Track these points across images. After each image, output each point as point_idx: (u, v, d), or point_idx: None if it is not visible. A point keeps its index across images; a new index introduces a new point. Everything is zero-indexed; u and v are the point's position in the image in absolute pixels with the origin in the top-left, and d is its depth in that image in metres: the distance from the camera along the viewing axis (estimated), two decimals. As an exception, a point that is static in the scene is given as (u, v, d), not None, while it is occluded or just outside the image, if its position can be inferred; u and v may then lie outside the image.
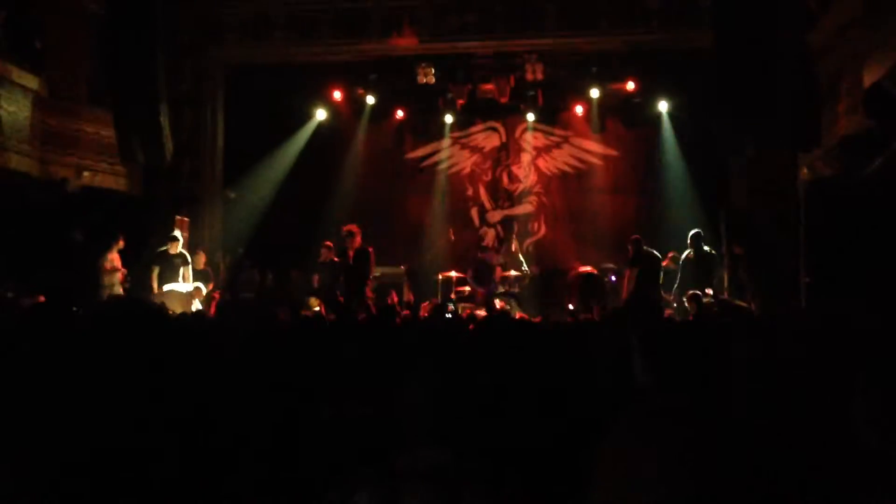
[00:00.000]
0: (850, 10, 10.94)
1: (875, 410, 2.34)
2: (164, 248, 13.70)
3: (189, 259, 13.86)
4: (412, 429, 2.54)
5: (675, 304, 13.21)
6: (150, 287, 13.39)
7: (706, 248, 13.55)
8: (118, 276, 13.22)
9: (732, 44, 13.00)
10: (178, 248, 13.76)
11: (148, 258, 13.80)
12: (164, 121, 14.11)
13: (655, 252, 13.90)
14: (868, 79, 10.16)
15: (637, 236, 14.02)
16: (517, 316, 11.39)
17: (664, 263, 14.30)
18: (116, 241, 13.45)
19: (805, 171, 12.58)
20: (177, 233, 14.00)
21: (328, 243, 14.08)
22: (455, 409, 2.53)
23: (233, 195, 16.55)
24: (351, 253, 13.41)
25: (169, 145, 14.27)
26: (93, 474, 2.29)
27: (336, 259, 13.71)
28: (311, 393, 4.02)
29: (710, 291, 12.93)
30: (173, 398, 2.72)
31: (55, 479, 2.28)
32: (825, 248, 11.62)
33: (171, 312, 6.41)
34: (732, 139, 13.39)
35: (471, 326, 7.38)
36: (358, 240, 13.50)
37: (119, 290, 13.07)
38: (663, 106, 16.91)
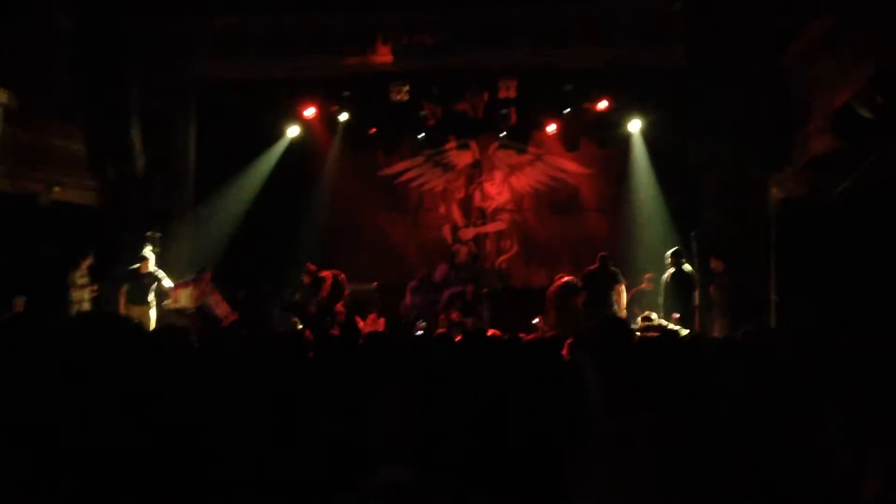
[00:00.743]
0: (821, 31, 11.06)
1: (848, 432, 2.35)
2: (136, 266, 13.60)
3: (158, 278, 13.76)
4: (378, 447, 2.54)
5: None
6: (118, 305, 13.29)
7: (686, 267, 13.61)
8: (87, 292, 13.12)
9: (702, 60, 13.16)
10: (149, 267, 13.66)
11: (118, 276, 13.70)
12: (136, 136, 14.08)
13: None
14: (838, 99, 10.27)
15: (603, 253, 14.09)
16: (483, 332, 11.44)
17: (642, 286, 14.38)
18: (86, 257, 13.35)
19: (775, 190, 12.69)
20: (147, 251, 13.90)
21: (311, 266, 14.42)
22: (419, 427, 2.53)
23: (203, 211, 16.48)
24: (324, 295, 13.82)
25: (140, 160, 14.23)
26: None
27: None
28: (284, 410, 4.01)
29: (676, 316, 12.99)
30: (146, 415, 2.70)
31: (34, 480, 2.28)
32: (795, 267, 11.73)
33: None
34: (704, 158, 13.53)
35: (458, 338, 7.40)
36: (328, 285, 13.93)
37: (87, 306, 12.97)
38: (635, 124, 16.97)
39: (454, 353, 6.05)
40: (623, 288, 13.97)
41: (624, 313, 13.53)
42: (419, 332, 12.69)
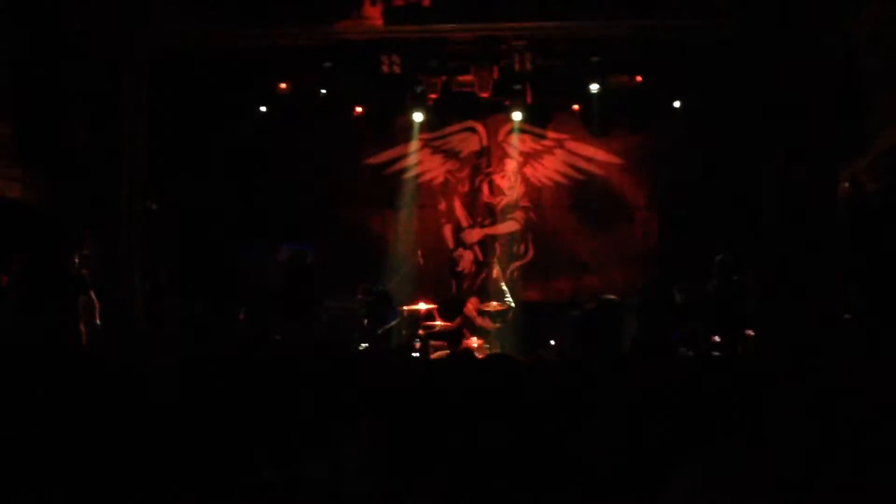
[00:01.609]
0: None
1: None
2: (61, 269, 13.54)
3: (88, 283, 13.71)
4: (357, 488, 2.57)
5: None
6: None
7: (735, 277, 13.59)
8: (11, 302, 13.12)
9: (759, 32, 13.11)
10: (76, 267, 13.61)
11: (45, 284, 13.64)
12: (73, 117, 14.05)
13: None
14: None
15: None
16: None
17: None
18: (12, 263, 13.34)
19: (846, 185, 12.66)
20: (78, 249, 13.87)
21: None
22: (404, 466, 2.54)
23: (154, 206, 16.45)
24: None
25: (78, 145, 14.19)
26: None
27: None
28: (248, 449, 4.00)
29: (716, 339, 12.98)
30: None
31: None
32: (869, 274, 11.70)
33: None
34: (759, 146, 13.49)
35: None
36: None
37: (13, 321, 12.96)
38: (676, 105, 16.95)
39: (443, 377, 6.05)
40: None
41: None
42: (415, 354, 12.72)
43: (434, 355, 13.98)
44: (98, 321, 13.64)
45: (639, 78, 16.57)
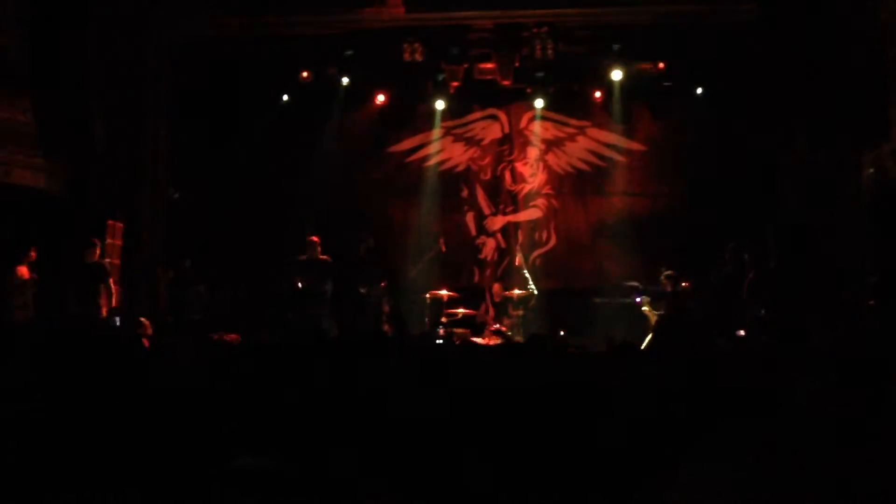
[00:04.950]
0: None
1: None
2: (83, 257, 13.60)
3: (108, 271, 13.75)
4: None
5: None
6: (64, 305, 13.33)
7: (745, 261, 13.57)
8: (29, 295, 13.18)
9: (781, 16, 13.03)
10: (96, 255, 13.65)
11: (65, 272, 13.70)
12: (95, 106, 14.12)
13: None
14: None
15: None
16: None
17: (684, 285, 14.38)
18: (28, 254, 13.39)
19: (870, 171, 12.60)
20: (102, 238, 13.91)
21: (314, 238, 14.48)
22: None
23: (177, 195, 16.53)
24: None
25: (101, 134, 14.27)
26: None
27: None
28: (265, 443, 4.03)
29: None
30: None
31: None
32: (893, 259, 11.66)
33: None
34: (781, 132, 13.44)
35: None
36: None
37: (33, 310, 13.03)
38: (698, 91, 16.90)
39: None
40: None
41: None
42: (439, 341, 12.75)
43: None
44: (114, 307, 13.69)
45: (661, 65, 16.51)
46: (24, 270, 13.26)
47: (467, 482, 2.82)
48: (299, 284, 14.73)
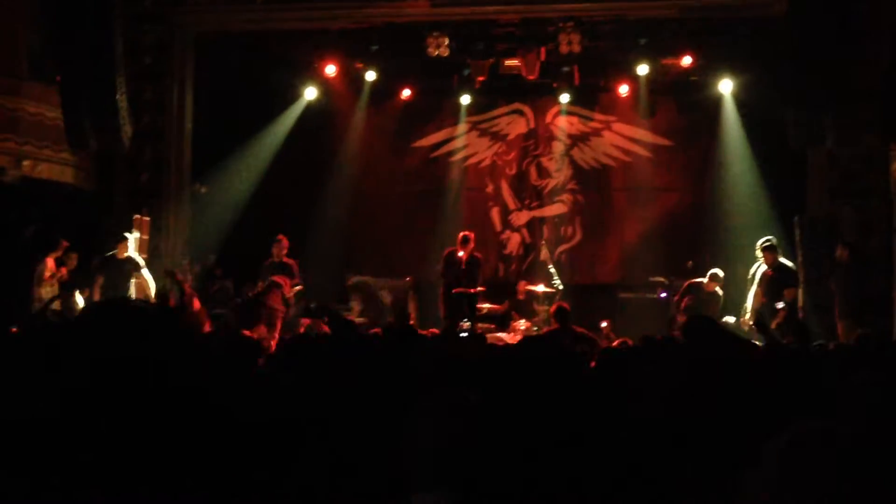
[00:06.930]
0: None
1: None
2: (112, 252, 13.64)
3: (142, 264, 13.78)
4: (411, 471, 2.55)
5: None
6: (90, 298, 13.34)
7: (781, 260, 13.47)
8: (56, 287, 13.23)
9: (809, 9, 12.95)
10: (128, 250, 13.67)
11: (94, 265, 13.74)
12: (122, 100, 14.16)
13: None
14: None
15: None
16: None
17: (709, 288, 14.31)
18: (58, 247, 13.45)
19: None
20: (130, 233, 13.94)
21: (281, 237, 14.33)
22: (464, 450, 2.53)
23: (203, 190, 16.58)
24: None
25: (127, 129, 14.31)
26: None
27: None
28: (300, 427, 4.04)
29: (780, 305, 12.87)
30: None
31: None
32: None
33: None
34: (809, 126, 13.36)
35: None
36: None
37: (58, 304, 13.08)
38: (726, 86, 16.82)
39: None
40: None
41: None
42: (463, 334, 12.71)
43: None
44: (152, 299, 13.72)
45: (688, 59, 16.44)
46: (51, 263, 13.32)
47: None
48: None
